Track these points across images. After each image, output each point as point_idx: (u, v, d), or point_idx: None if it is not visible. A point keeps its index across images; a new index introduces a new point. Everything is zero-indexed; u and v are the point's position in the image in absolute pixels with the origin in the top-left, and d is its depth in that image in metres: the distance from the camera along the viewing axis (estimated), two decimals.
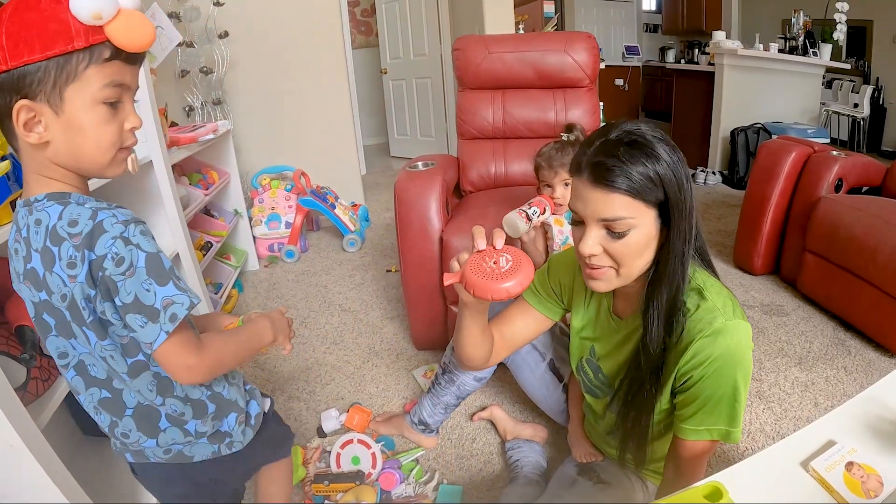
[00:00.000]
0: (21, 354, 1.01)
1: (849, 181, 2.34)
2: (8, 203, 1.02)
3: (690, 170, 0.89)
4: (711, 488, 0.67)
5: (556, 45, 2.34)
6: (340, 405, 1.81)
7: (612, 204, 0.88)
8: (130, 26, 0.70)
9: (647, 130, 0.90)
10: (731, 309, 0.93)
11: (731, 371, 0.90)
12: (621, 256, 0.92)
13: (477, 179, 2.33)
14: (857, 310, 2.06)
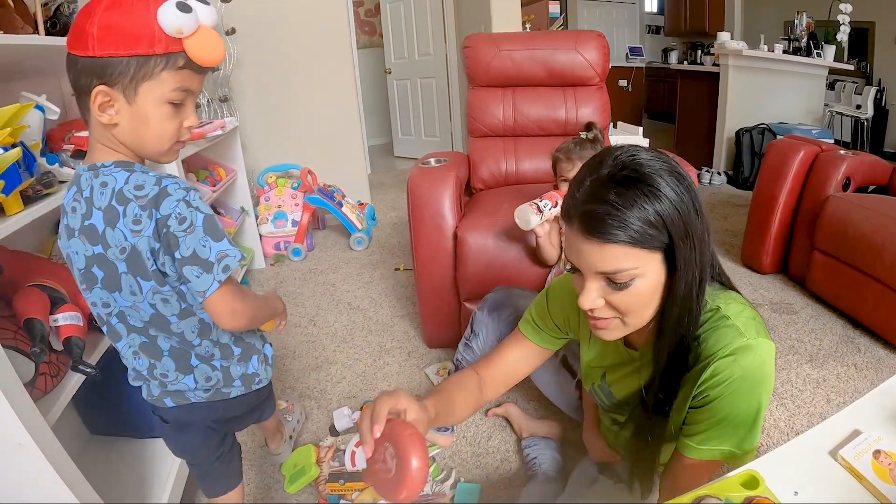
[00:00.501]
0: (32, 348, 0.96)
1: (856, 180, 2.35)
2: (18, 193, 0.99)
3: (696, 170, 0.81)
4: (748, 476, 0.67)
5: (567, 44, 2.35)
6: (352, 403, 1.80)
7: (609, 256, 0.79)
8: (205, 43, 0.82)
9: (645, 160, 0.79)
10: (753, 328, 0.85)
11: (750, 393, 0.83)
12: (626, 308, 0.84)
13: (488, 177, 2.34)
14: (866, 307, 2.07)
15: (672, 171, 0.79)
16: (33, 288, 1.10)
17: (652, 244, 0.78)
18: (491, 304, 1.48)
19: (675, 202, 0.77)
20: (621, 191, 0.77)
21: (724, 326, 0.85)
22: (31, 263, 1.23)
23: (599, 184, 0.79)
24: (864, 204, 2.14)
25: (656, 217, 0.76)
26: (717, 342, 0.84)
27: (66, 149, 1.29)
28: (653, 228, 0.77)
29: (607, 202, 0.77)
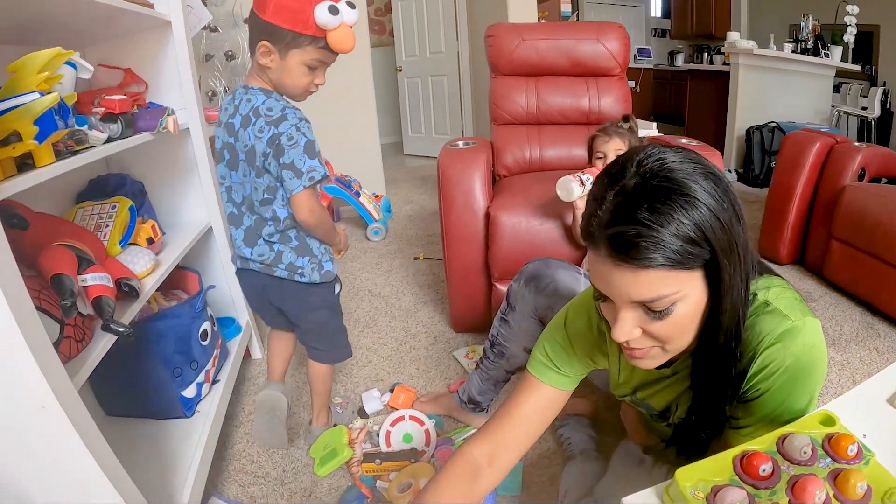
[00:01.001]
0: (61, 301, 0.91)
1: (871, 171, 2.41)
2: (50, 144, 0.95)
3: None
4: (824, 415, 0.69)
5: (589, 34, 2.40)
6: (380, 386, 1.80)
7: (645, 283, 0.69)
8: (342, 38, 1.15)
9: (675, 163, 0.69)
10: (797, 308, 0.78)
11: (804, 379, 0.76)
12: (666, 336, 0.75)
13: (512, 164, 2.37)
14: (885, 293, 2.12)
15: (707, 174, 0.69)
16: (60, 246, 1.05)
17: (693, 262, 0.68)
18: (528, 274, 1.43)
19: (715, 210, 0.67)
20: (653, 205, 0.66)
21: (765, 313, 0.78)
22: (57, 225, 1.19)
23: (626, 198, 0.68)
24: (880, 193, 2.19)
25: (697, 231, 0.66)
26: (760, 331, 0.77)
27: (95, 112, 1.24)
28: (693, 245, 0.67)
29: (638, 221, 0.66)
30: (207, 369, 1.51)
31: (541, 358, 1.02)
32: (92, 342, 1.02)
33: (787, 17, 5.62)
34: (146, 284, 1.25)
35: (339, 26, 1.12)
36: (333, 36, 1.13)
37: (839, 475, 0.59)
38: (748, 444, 0.64)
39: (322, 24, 1.10)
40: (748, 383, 0.78)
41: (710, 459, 0.63)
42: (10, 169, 0.88)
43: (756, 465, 0.60)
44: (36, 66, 0.91)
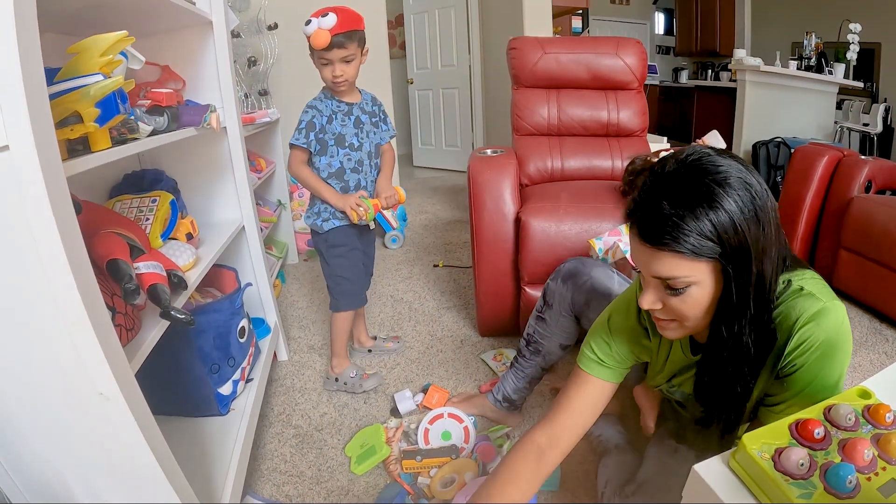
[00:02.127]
0: (124, 285, 0.90)
1: (877, 183, 2.48)
2: (107, 129, 0.94)
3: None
4: (861, 390, 0.77)
5: (608, 49, 2.48)
6: (411, 387, 1.82)
7: (663, 263, 0.81)
8: (314, 38, 1.53)
9: (711, 163, 0.80)
10: (827, 292, 0.87)
11: (833, 358, 0.84)
12: (682, 313, 0.86)
13: (535, 173, 2.43)
14: (893, 300, 2.18)
15: (741, 180, 0.78)
16: (111, 234, 1.03)
17: (706, 254, 0.78)
18: (565, 272, 1.47)
19: (734, 216, 0.77)
20: (678, 197, 0.78)
21: (800, 296, 0.86)
22: (105, 213, 1.19)
23: (659, 187, 0.80)
24: (888, 204, 2.26)
25: (711, 230, 0.76)
26: (796, 312, 0.85)
27: (140, 104, 1.23)
28: (707, 241, 0.77)
29: (662, 210, 0.78)
30: (243, 367, 1.53)
31: (588, 353, 1.13)
32: (142, 331, 1.01)
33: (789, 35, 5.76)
34: (189, 277, 1.24)
35: (314, 32, 1.52)
36: (311, 39, 1.54)
37: (881, 438, 0.68)
38: (800, 414, 0.73)
39: (304, 32, 1.55)
40: (786, 359, 0.86)
41: (767, 427, 0.71)
42: (63, 153, 0.83)
43: (811, 430, 0.68)
44: (100, 48, 0.88)
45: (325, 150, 1.68)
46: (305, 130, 1.65)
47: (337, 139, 1.68)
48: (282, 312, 2.44)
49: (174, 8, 1.32)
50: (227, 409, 1.46)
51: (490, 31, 4.76)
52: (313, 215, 1.75)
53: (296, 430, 1.65)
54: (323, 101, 1.68)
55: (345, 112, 1.70)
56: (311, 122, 1.65)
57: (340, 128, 1.69)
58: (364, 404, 1.77)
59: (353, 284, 1.81)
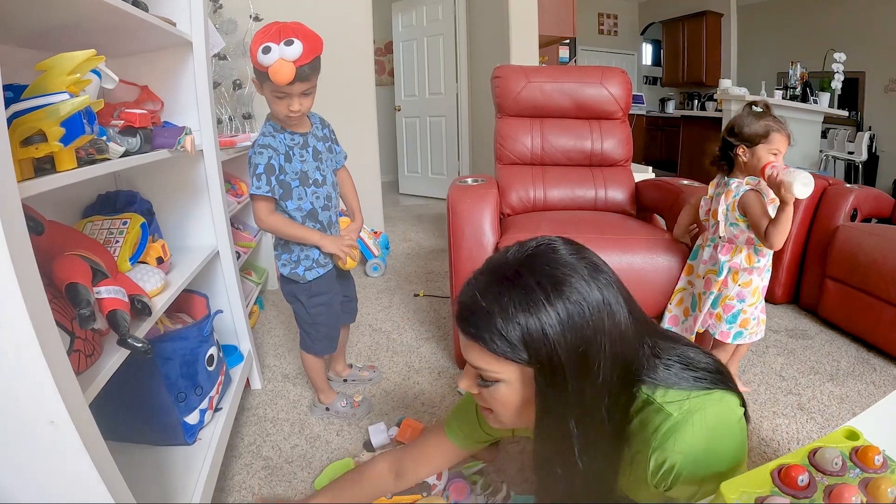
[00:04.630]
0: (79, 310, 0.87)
1: (863, 211, 2.48)
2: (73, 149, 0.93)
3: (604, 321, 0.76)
4: (848, 431, 0.74)
5: (593, 78, 2.48)
6: (385, 420, 1.76)
7: (472, 353, 0.79)
8: (277, 72, 1.32)
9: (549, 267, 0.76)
10: (683, 396, 0.79)
11: (710, 464, 0.77)
12: (492, 405, 0.84)
13: (517, 203, 2.42)
14: (880, 330, 2.16)
15: (576, 290, 0.74)
16: (74, 256, 1.01)
17: (513, 358, 0.75)
18: None
19: (548, 326, 0.72)
20: (495, 294, 0.75)
21: (650, 411, 0.80)
22: (70, 235, 1.15)
23: (488, 272, 0.79)
24: (873, 232, 2.26)
25: (518, 336, 0.73)
26: (645, 430, 0.79)
27: (114, 124, 1.22)
28: (514, 344, 0.74)
29: (478, 303, 0.76)
30: (211, 396, 1.49)
31: (454, 423, 1.21)
32: (102, 358, 0.99)
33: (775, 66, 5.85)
34: (156, 304, 1.21)
35: (274, 63, 1.31)
36: (271, 71, 1.32)
37: (870, 483, 0.63)
38: (782, 459, 0.68)
39: (260, 62, 1.32)
40: (653, 481, 0.79)
41: (748, 474, 0.67)
42: (29, 171, 0.84)
43: (794, 476, 0.64)
44: (67, 66, 0.88)
45: (288, 193, 1.53)
46: (265, 176, 1.46)
47: (301, 178, 1.54)
48: (258, 340, 2.41)
49: (154, 28, 1.33)
50: (194, 439, 1.42)
51: (477, 59, 4.81)
52: (290, 263, 1.61)
53: (265, 461, 1.60)
54: (275, 137, 1.50)
55: (300, 145, 1.55)
56: (269, 164, 1.46)
57: (301, 164, 1.54)
58: (337, 436, 1.72)
59: (331, 330, 1.75)
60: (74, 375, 0.80)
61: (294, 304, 1.69)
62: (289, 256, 1.61)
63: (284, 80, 1.32)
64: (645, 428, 0.79)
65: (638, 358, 0.81)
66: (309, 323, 1.70)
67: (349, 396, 1.82)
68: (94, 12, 1.08)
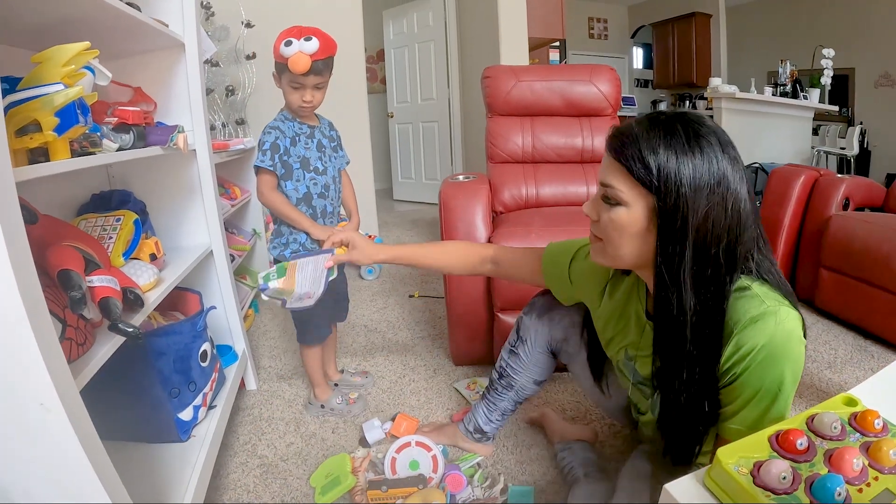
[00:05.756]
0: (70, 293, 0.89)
1: (855, 200, 2.49)
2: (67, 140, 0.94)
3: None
4: (846, 398, 0.73)
5: (582, 76, 2.49)
6: (380, 416, 1.77)
7: (609, 169, 0.88)
8: (295, 62, 1.46)
9: (696, 127, 0.83)
10: (774, 298, 0.84)
11: (777, 364, 0.81)
12: (606, 229, 0.90)
13: (509, 200, 2.41)
14: (876, 317, 2.17)
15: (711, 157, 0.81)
16: (67, 246, 1.03)
17: (642, 181, 0.83)
18: (540, 307, 1.41)
19: (681, 171, 0.80)
20: (649, 126, 0.84)
21: (743, 298, 0.85)
22: (64, 227, 1.16)
23: (650, 118, 0.87)
24: (866, 220, 2.27)
25: (655, 165, 0.81)
26: (734, 315, 0.84)
27: (107, 121, 1.24)
28: (647, 170, 0.82)
29: (630, 129, 0.86)
30: (205, 392, 1.48)
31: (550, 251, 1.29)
32: (94, 347, 1.00)
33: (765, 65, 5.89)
34: (149, 298, 1.22)
35: (294, 55, 1.45)
36: (291, 62, 1.46)
37: (871, 446, 0.62)
38: (780, 424, 0.67)
39: (281, 53, 1.46)
40: (725, 365, 0.85)
41: (745, 440, 0.66)
42: (23, 161, 0.86)
43: (793, 441, 0.63)
44: (62, 58, 0.90)
45: (289, 173, 1.59)
46: (270, 152, 1.54)
47: (302, 163, 1.60)
48: (254, 342, 2.40)
49: (147, 29, 1.34)
50: (188, 436, 1.41)
51: (468, 64, 4.83)
52: (280, 246, 1.65)
53: (261, 459, 1.59)
54: (284, 123, 1.60)
55: (307, 135, 1.64)
56: (274, 143, 1.55)
57: (304, 151, 1.61)
58: (332, 434, 1.71)
59: (319, 317, 1.74)
60: (66, 360, 0.80)
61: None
62: (279, 240, 1.66)
63: (301, 69, 1.46)
64: (732, 314, 0.84)
65: (745, 242, 0.86)
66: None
67: (345, 393, 1.83)
68: (88, 9, 1.09)
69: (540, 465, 1.54)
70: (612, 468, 1.42)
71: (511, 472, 1.51)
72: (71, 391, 0.81)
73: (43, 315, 0.76)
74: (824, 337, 2.25)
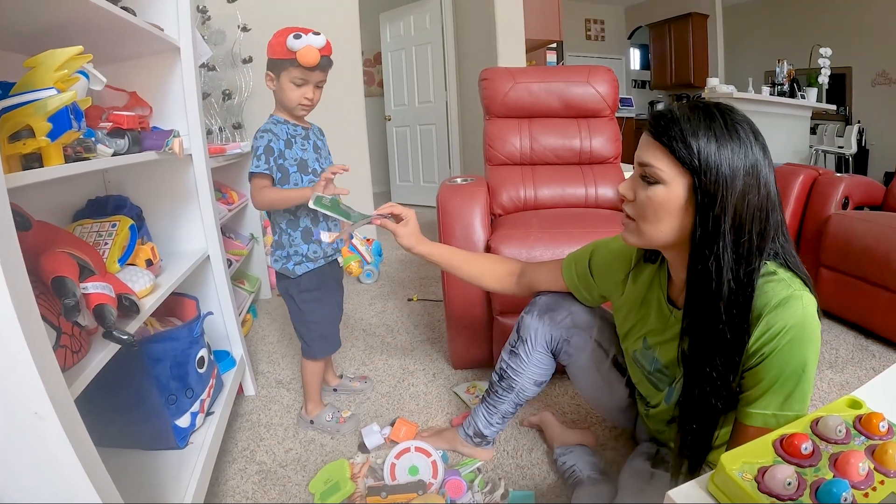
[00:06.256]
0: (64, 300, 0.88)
1: (854, 199, 2.49)
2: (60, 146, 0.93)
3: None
4: (850, 400, 0.73)
5: (580, 77, 2.48)
6: (380, 421, 1.75)
7: (648, 148, 0.92)
8: (306, 54, 1.44)
9: (732, 115, 0.89)
10: (799, 283, 0.88)
11: (802, 345, 0.85)
12: (643, 208, 0.94)
13: (507, 202, 2.40)
14: (876, 315, 2.16)
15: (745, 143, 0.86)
16: (62, 252, 1.02)
17: (683, 160, 0.87)
18: (542, 307, 1.40)
19: (720, 152, 0.85)
20: (693, 113, 0.88)
21: (771, 281, 0.88)
22: (59, 234, 1.15)
23: (688, 104, 0.92)
24: (865, 218, 2.26)
25: (696, 145, 0.86)
26: (764, 297, 0.87)
27: (102, 126, 1.23)
28: (688, 151, 0.86)
29: (676, 111, 0.90)
30: (203, 399, 1.47)
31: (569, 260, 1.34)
32: (88, 355, 0.99)
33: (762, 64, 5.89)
34: (144, 304, 1.21)
35: (303, 47, 1.44)
36: (300, 55, 1.44)
37: (876, 449, 0.61)
38: (784, 429, 0.66)
39: (290, 47, 1.44)
40: (754, 345, 0.87)
41: (749, 445, 0.65)
42: (17, 167, 0.85)
43: (797, 445, 0.62)
44: (55, 63, 0.89)
45: (287, 177, 1.55)
46: (264, 156, 1.50)
47: (300, 165, 1.57)
48: (252, 347, 2.39)
49: (142, 33, 1.34)
50: (186, 443, 1.40)
51: (466, 66, 4.83)
52: (282, 259, 1.61)
53: (259, 466, 1.58)
54: (277, 125, 1.55)
55: (303, 136, 1.61)
56: (268, 146, 1.50)
57: (301, 153, 1.58)
58: (331, 440, 1.70)
59: (327, 329, 1.72)
60: (59, 368, 0.80)
61: (288, 302, 1.69)
62: (281, 252, 1.62)
63: (312, 61, 1.45)
64: (761, 297, 0.87)
65: (774, 224, 0.90)
66: (301, 322, 1.68)
67: (337, 410, 1.77)
68: (83, 13, 1.09)
69: (541, 469, 1.53)
70: (614, 470, 1.42)
71: (512, 477, 1.50)
72: (65, 399, 0.80)
73: (36, 323, 0.75)
74: (825, 336, 2.24)
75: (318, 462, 1.58)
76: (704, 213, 0.87)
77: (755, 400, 0.89)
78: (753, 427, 0.89)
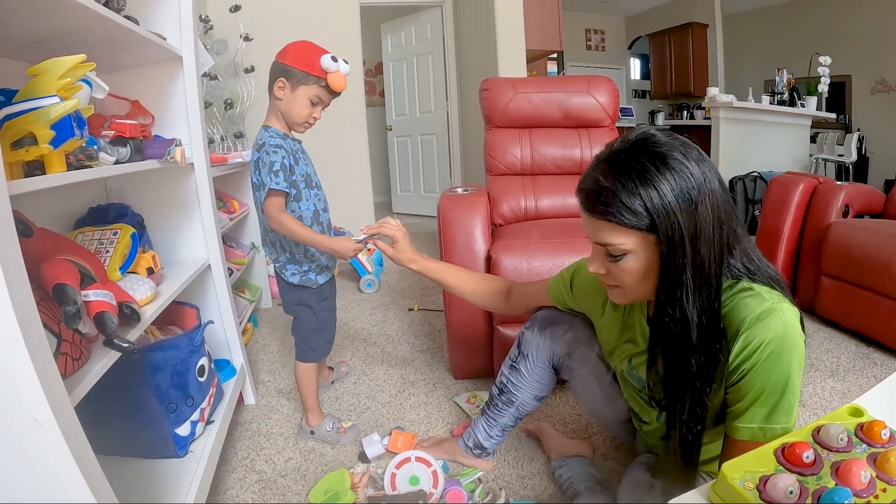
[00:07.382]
0: (65, 308, 0.88)
1: (854, 207, 2.49)
2: (63, 153, 0.94)
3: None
4: (852, 408, 0.72)
5: (580, 87, 2.49)
6: (380, 431, 1.74)
7: (601, 231, 0.89)
8: (338, 80, 1.47)
9: (654, 146, 0.86)
10: (777, 295, 0.87)
11: (783, 358, 0.83)
12: (621, 280, 0.92)
13: (508, 213, 2.41)
14: (877, 323, 2.16)
15: (680, 163, 0.84)
16: (63, 260, 1.02)
17: (638, 226, 0.84)
18: (542, 321, 1.39)
19: (664, 194, 0.82)
20: (617, 171, 0.85)
21: (747, 297, 0.87)
22: (60, 241, 1.16)
23: (605, 162, 0.88)
24: (866, 226, 2.27)
25: (641, 204, 0.83)
26: (741, 313, 0.86)
27: (104, 134, 1.24)
28: (637, 214, 0.83)
29: (600, 181, 0.86)
30: (203, 407, 1.47)
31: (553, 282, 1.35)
32: (89, 362, 0.98)
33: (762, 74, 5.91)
34: (145, 312, 1.21)
35: (336, 71, 1.46)
36: (332, 77, 1.46)
37: (878, 457, 0.61)
38: (785, 437, 0.66)
39: (324, 67, 1.45)
40: (733, 363, 0.87)
41: (750, 454, 0.65)
42: (19, 174, 0.86)
43: (799, 453, 0.62)
44: (58, 71, 0.90)
45: (299, 194, 1.54)
46: (282, 173, 1.45)
47: (306, 181, 1.57)
48: (252, 357, 2.38)
49: (144, 42, 1.34)
50: (185, 451, 1.40)
51: (466, 76, 4.85)
52: (300, 272, 1.61)
53: (259, 475, 1.57)
54: (285, 140, 1.51)
55: (301, 150, 1.60)
56: (283, 163, 1.47)
57: (306, 167, 1.58)
58: (331, 449, 1.69)
59: (331, 334, 1.77)
60: (60, 375, 0.79)
61: (302, 313, 1.68)
62: (297, 267, 1.62)
63: (341, 87, 1.49)
64: (737, 313, 0.86)
65: (733, 236, 0.90)
66: (315, 329, 1.70)
67: (337, 420, 1.76)
68: (85, 22, 1.09)
69: (541, 479, 1.52)
70: (613, 481, 1.41)
71: (512, 487, 1.49)
72: (65, 407, 0.80)
73: (37, 330, 0.76)
74: (826, 345, 2.24)
75: (318, 472, 1.58)
76: (668, 257, 0.86)
77: (741, 414, 0.89)
78: (742, 440, 0.89)
